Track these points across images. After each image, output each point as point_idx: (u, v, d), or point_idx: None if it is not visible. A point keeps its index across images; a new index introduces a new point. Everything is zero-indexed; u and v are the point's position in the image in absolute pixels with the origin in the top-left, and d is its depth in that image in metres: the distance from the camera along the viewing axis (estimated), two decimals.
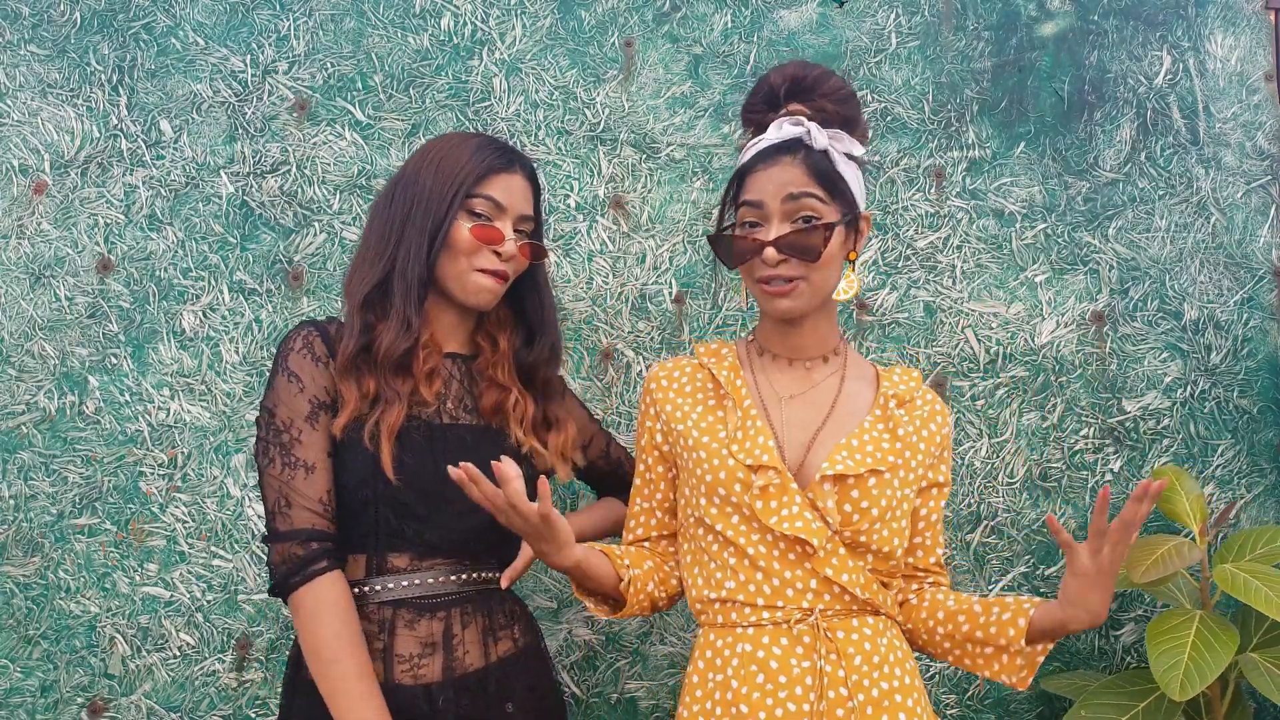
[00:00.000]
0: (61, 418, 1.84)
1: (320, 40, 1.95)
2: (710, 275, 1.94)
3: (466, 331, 1.43)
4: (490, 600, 1.35)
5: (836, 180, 1.25)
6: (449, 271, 1.34)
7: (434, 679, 1.27)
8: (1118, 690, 1.67)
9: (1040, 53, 2.03)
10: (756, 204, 1.25)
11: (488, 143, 1.38)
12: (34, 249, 1.87)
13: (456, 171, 1.33)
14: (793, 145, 1.25)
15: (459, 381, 1.39)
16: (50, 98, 1.91)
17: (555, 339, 1.46)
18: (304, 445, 1.27)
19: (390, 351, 1.30)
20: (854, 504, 1.22)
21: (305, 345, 1.32)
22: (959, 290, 1.95)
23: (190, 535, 1.82)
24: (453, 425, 1.36)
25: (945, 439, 1.34)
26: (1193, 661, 1.51)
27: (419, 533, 1.30)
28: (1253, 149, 2.01)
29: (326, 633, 1.21)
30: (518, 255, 1.36)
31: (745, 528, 1.23)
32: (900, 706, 1.20)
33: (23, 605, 1.80)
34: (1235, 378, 1.96)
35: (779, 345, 1.34)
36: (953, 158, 1.98)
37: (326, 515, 1.27)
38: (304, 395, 1.29)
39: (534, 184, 1.41)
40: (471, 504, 1.19)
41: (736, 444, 1.25)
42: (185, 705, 1.79)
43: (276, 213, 1.90)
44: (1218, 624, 1.57)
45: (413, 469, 1.29)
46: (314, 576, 1.24)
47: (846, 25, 2.01)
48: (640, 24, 1.99)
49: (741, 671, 1.20)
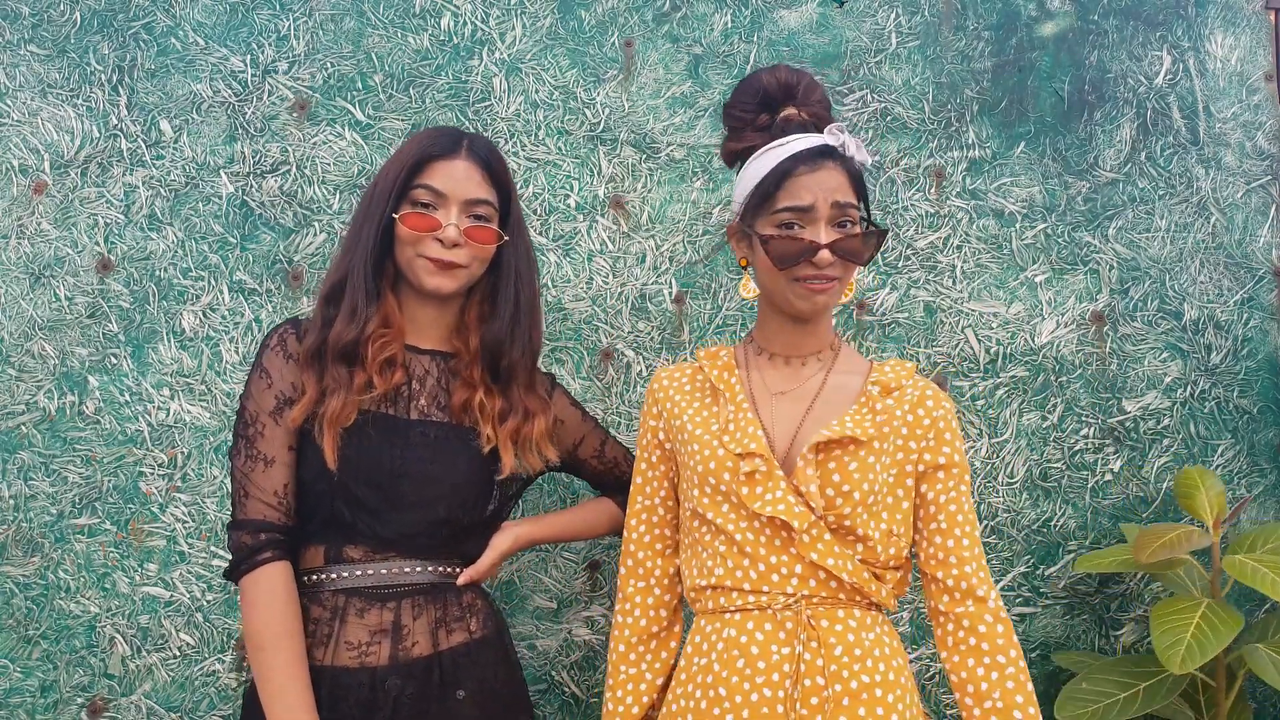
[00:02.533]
0: (61, 418, 1.84)
1: (320, 40, 1.95)
2: (710, 275, 1.94)
3: (447, 328, 1.43)
4: (446, 593, 1.36)
5: (864, 190, 1.32)
6: (402, 261, 1.37)
7: (379, 663, 1.29)
8: (1121, 670, 1.67)
9: (1040, 53, 2.03)
10: (806, 208, 1.27)
11: (435, 132, 1.40)
12: (34, 249, 1.87)
13: (398, 164, 1.36)
14: (830, 152, 1.29)
15: (435, 379, 1.40)
16: (50, 98, 1.91)
17: (526, 327, 1.43)
18: (265, 439, 1.32)
19: (334, 341, 1.33)
20: (835, 487, 1.24)
21: (280, 342, 1.37)
22: (959, 290, 1.95)
23: (190, 535, 1.82)
24: (418, 421, 1.36)
25: (939, 421, 1.33)
26: (1195, 639, 1.52)
27: (371, 526, 1.31)
28: (1253, 149, 2.01)
29: (262, 620, 1.26)
30: (466, 241, 1.35)
31: (734, 515, 1.27)
32: (879, 701, 1.20)
33: (23, 605, 1.80)
34: (1235, 378, 1.96)
35: (780, 344, 1.37)
36: (953, 158, 1.98)
37: (279, 508, 1.31)
38: (271, 391, 1.34)
39: (487, 167, 1.38)
40: (426, 499, 1.24)
41: (728, 435, 1.29)
42: (185, 705, 1.79)
43: (276, 213, 1.90)
44: (1223, 608, 1.58)
45: (362, 462, 1.31)
46: (258, 565, 1.29)
47: (846, 25, 2.01)
48: (640, 24, 1.99)
49: (724, 656, 1.24)
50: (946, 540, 1.30)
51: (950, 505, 1.32)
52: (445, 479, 1.35)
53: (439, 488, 1.34)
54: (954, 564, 1.29)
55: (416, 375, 1.39)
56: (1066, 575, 1.90)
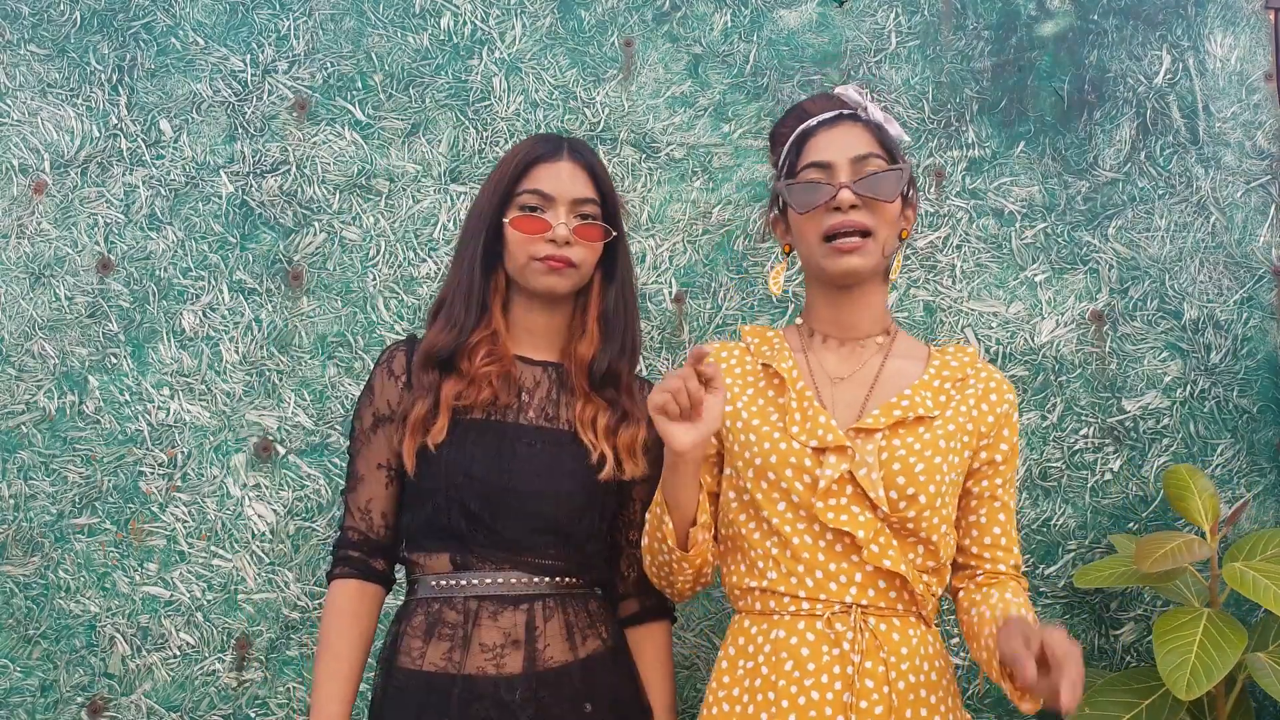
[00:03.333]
0: (61, 417, 1.84)
1: (320, 40, 1.95)
2: (710, 275, 1.94)
3: (558, 336, 1.43)
4: (573, 601, 1.35)
5: (894, 147, 1.29)
6: (513, 268, 1.37)
7: (515, 670, 1.28)
8: (1121, 688, 1.66)
9: (1040, 52, 2.03)
10: (825, 164, 1.25)
11: (535, 138, 1.42)
12: (34, 249, 1.87)
13: (502, 172, 1.38)
14: (849, 114, 1.29)
15: (546, 390, 1.40)
16: (50, 97, 1.91)
17: (626, 334, 1.43)
18: (361, 456, 1.37)
19: (428, 348, 1.35)
20: (900, 490, 1.19)
21: (387, 360, 1.40)
22: (959, 290, 1.96)
23: (190, 535, 1.82)
24: (527, 430, 1.36)
25: (1002, 417, 1.29)
26: (1200, 661, 1.49)
27: (486, 534, 1.32)
28: (1252, 149, 2.01)
29: (321, 629, 1.34)
30: (576, 239, 1.35)
31: (791, 514, 1.22)
32: (923, 702, 1.19)
33: (23, 605, 1.80)
34: (1235, 377, 1.96)
35: (830, 323, 1.32)
36: (952, 157, 1.98)
37: (363, 523, 1.35)
38: (370, 408, 1.38)
39: (590, 169, 1.39)
40: (534, 509, 1.28)
41: (797, 425, 1.23)
42: (185, 705, 1.79)
43: (276, 212, 1.90)
44: (1226, 622, 1.56)
45: (471, 471, 1.31)
46: (332, 578, 1.35)
47: (846, 25, 2.01)
48: (640, 24, 1.99)
49: (773, 658, 1.20)
50: (983, 537, 1.30)
51: (996, 505, 1.30)
52: (552, 488, 1.33)
53: (547, 497, 1.33)
54: (988, 559, 1.30)
55: (526, 386, 1.38)
56: (1066, 575, 1.90)
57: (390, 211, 1.92)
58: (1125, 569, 1.68)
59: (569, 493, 1.34)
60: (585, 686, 1.31)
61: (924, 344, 1.37)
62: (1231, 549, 1.73)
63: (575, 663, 1.31)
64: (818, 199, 1.25)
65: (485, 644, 1.29)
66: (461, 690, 1.26)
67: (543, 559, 1.33)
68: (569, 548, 1.35)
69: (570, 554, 1.35)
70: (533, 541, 1.32)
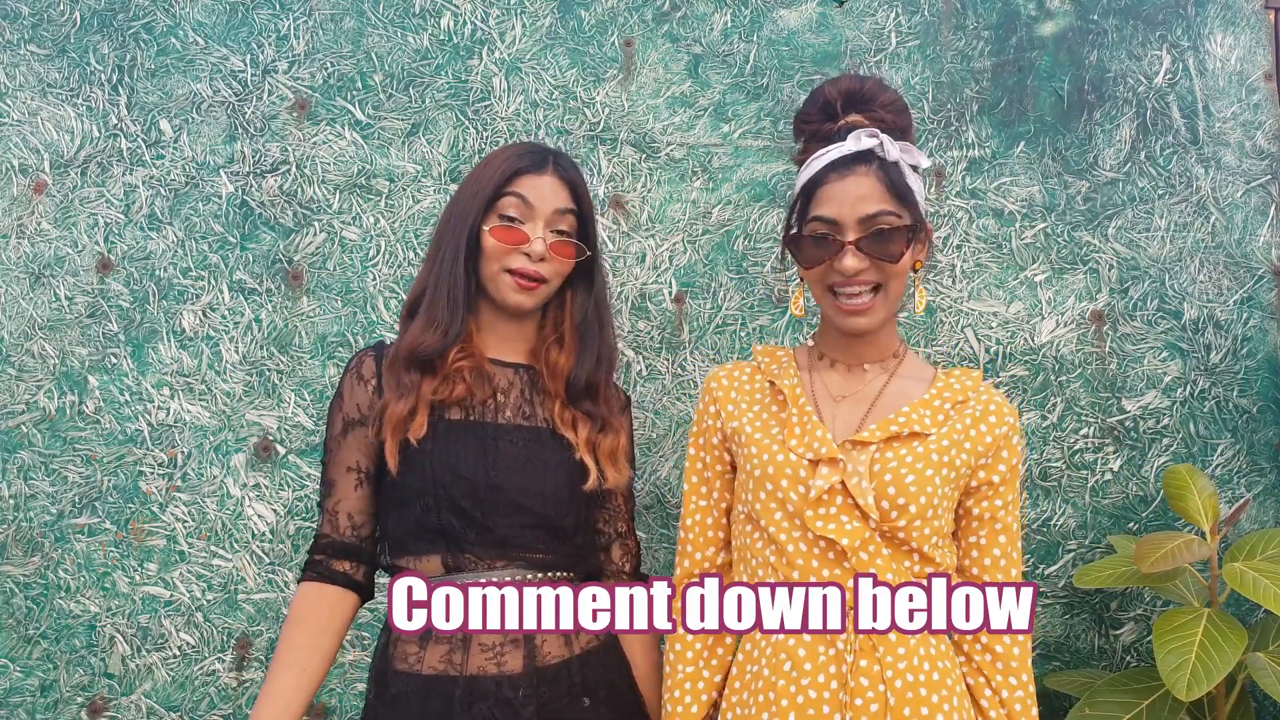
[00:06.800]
0: (61, 417, 1.84)
1: (320, 40, 1.95)
2: (710, 275, 1.94)
3: (526, 341, 1.44)
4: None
5: (906, 193, 1.25)
6: (485, 276, 1.38)
7: (516, 669, 1.29)
8: (1121, 688, 1.66)
9: (1040, 52, 2.03)
10: (832, 220, 1.24)
11: (521, 147, 1.41)
12: (34, 249, 1.87)
13: (486, 177, 1.37)
14: (866, 156, 1.25)
15: (520, 390, 1.40)
16: (50, 97, 1.91)
17: (601, 345, 1.44)
18: (333, 462, 1.38)
19: (409, 348, 1.34)
20: (890, 500, 1.20)
21: (356, 365, 1.40)
22: (959, 290, 1.95)
23: (190, 535, 1.82)
24: (507, 428, 1.36)
25: (1000, 439, 1.29)
26: (1200, 661, 1.50)
27: (476, 533, 1.32)
28: (1252, 149, 2.01)
29: (284, 628, 1.33)
30: (551, 255, 1.36)
31: (788, 524, 1.24)
32: (924, 700, 1.20)
33: (23, 605, 1.80)
34: (1235, 377, 1.96)
35: (841, 353, 1.35)
36: (952, 157, 1.98)
37: (328, 526, 1.36)
38: (341, 413, 1.38)
39: (571, 185, 1.40)
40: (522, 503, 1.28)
41: (795, 438, 1.26)
42: (185, 705, 1.79)
43: (276, 212, 1.90)
44: (1225, 622, 1.56)
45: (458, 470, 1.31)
46: (301, 580, 1.35)
47: (846, 25, 2.01)
48: (640, 24, 1.99)
49: (773, 660, 1.23)
50: (983, 558, 1.30)
51: (996, 527, 1.30)
52: (538, 484, 1.35)
53: (534, 494, 1.34)
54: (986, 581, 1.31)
55: (500, 387, 1.39)
56: (1066, 575, 1.90)
57: (390, 211, 1.92)
58: (1125, 569, 1.68)
59: (555, 488, 1.35)
60: (583, 681, 1.33)
61: (931, 366, 1.38)
62: (1231, 549, 1.73)
63: (573, 658, 1.33)
64: (822, 256, 1.25)
65: (485, 644, 1.29)
66: (464, 691, 1.27)
67: (534, 554, 1.34)
68: (559, 541, 1.36)
69: (560, 548, 1.36)
70: (524, 538, 1.33)
